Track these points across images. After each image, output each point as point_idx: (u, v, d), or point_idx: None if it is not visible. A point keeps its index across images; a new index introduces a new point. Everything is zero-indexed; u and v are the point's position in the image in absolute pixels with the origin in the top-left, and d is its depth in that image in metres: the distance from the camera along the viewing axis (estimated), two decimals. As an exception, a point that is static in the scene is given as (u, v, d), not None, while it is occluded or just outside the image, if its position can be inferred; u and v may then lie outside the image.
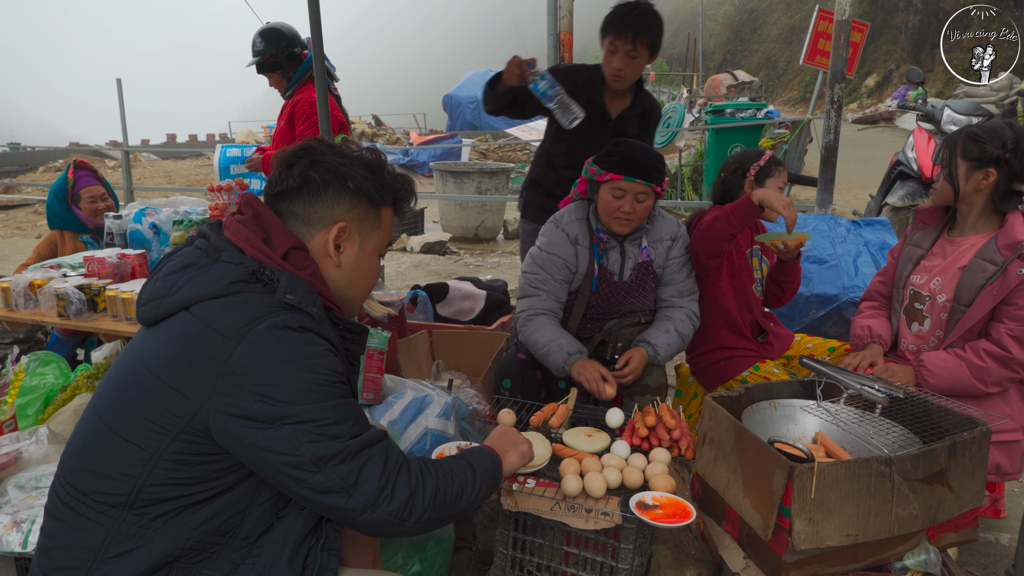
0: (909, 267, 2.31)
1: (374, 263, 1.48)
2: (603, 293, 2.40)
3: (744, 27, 33.03)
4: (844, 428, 1.86)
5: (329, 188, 1.36)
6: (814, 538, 1.52)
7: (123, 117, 8.07)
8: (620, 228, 2.32)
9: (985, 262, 2.09)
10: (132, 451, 1.20)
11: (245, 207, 1.36)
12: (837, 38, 4.07)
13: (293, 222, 1.38)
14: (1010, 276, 2.03)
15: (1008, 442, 2.09)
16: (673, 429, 1.94)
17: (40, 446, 2.11)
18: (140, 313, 1.32)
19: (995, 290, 2.05)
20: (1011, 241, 2.06)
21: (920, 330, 2.28)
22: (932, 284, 2.23)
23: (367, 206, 1.41)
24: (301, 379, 1.19)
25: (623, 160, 2.25)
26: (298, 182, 1.35)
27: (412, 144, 15.03)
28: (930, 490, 1.59)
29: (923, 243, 2.32)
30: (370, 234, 1.43)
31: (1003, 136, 2.08)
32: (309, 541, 1.34)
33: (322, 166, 1.36)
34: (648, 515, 1.60)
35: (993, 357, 2.06)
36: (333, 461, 1.20)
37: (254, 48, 3.72)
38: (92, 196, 3.45)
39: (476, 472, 1.41)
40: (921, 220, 2.36)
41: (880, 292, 2.47)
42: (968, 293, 2.10)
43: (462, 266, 6.96)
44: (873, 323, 2.37)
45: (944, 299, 2.17)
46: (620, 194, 2.26)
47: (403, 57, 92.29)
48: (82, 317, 2.60)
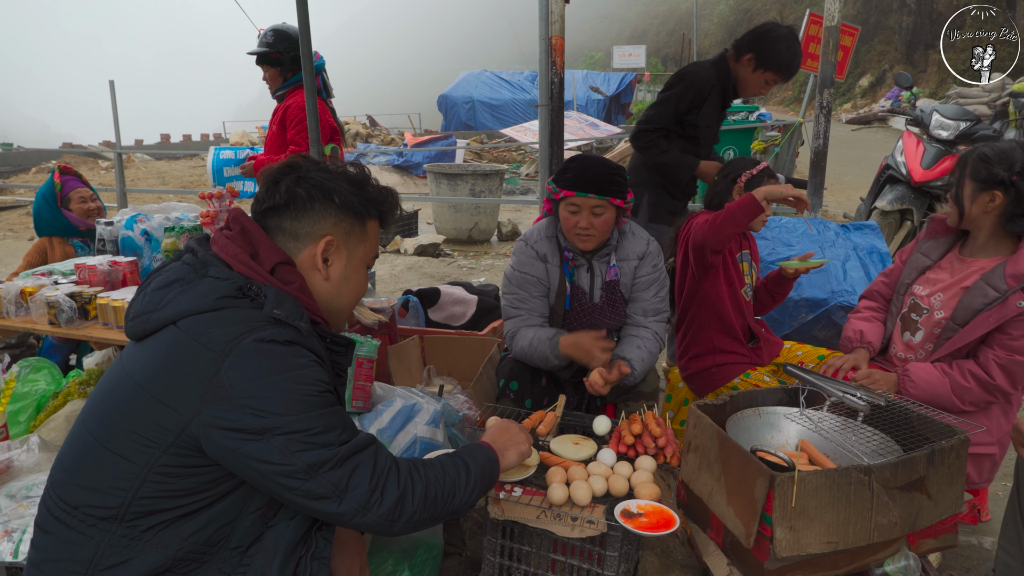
0: (913, 275, 2.31)
1: (361, 275, 1.51)
2: (576, 312, 2.42)
3: (739, 27, 33.02)
4: (826, 436, 1.89)
5: (315, 203, 1.39)
6: (795, 546, 1.55)
7: (116, 117, 8.06)
8: (582, 244, 2.34)
9: (988, 287, 2.08)
10: (122, 465, 1.22)
11: (233, 223, 1.39)
12: (826, 44, 4.10)
13: (281, 237, 1.41)
14: (1009, 306, 2.02)
15: (980, 455, 2.12)
16: (659, 437, 1.96)
17: (31, 455, 2.12)
18: (128, 328, 1.34)
19: (992, 317, 2.05)
20: (1018, 272, 2.04)
21: (911, 340, 2.29)
22: (933, 299, 2.22)
23: (353, 219, 1.44)
24: (289, 390, 1.22)
25: (575, 176, 2.26)
26: (285, 198, 1.38)
27: (407, 145, 15.02)
28: (909, 497, 1.62)
29: (932, 254, 2.30)
30: (357, 247, 1.47)
31: (1012, 158, 2.05)
32: (299, 550, 1.36)
33: (308, 182, 1.39)
34: (632, 523, 1.62)
35: (976, 379, 2.07)
36: (323, 468, 1.22)
37: (263, 39, 3.77)
38: (82, 197, 3.46)
39: (470, 471, 1.44)
40: (935, 229, 2.34)
41: (881, 293, 2.46)
42: (965, 314, 2.10)
43: (456, 268, 6.97)
44: (866, 327, 2.38)
45: (941, 316, 2.18)
46: (575, 210, 2.28)
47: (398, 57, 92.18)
48: (73, 325, 2.61)
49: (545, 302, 2.42)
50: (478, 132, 19.61)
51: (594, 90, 20.71)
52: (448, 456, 1.47)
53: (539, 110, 3.57)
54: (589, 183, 2.24)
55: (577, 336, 2.27)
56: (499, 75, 22.44)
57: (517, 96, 21.18)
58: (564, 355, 2.28)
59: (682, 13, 37.15)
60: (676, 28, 35.50)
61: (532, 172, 14.23)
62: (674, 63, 29.44)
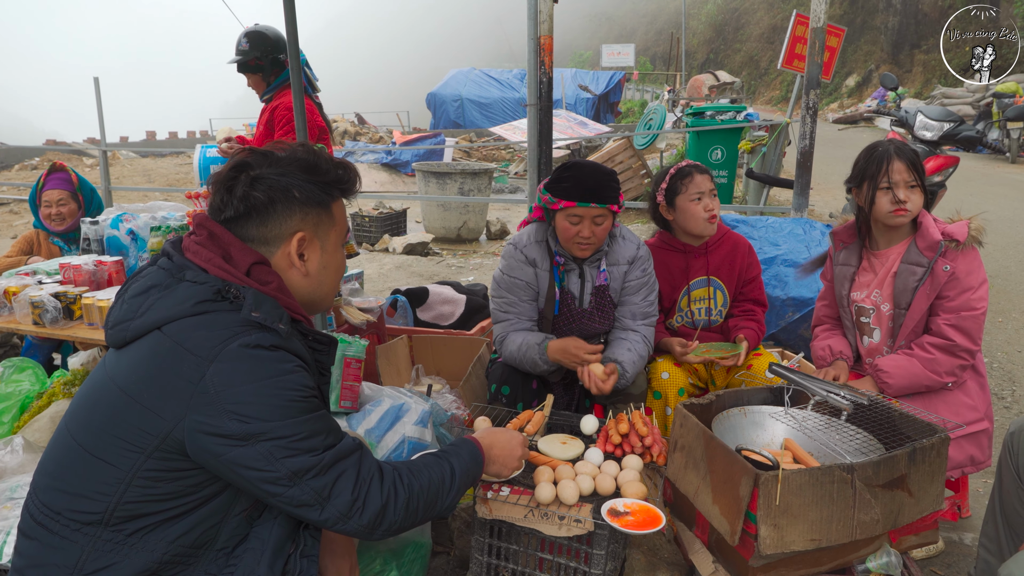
0: (847, 285, 2.40)
1: (339, 257, 1.49)
2: (565, 317, 2.42)
3: (727, 27, 33.26)
4: (810, 435, 1.91)
5: (277, 204, 1.34)
6: (779, 543, 1.57)
7: (100, 115, 7.97)
8: (581, 252, 2.34)
9: (912, 265, 2.22)
10: (106, 470, 1.22)
11: (198, 228, 1.35)
12: (812, 45, 4.13)
13: (251, 244, 1.36)
14: (938, 273, 2.18)
15: (977, 432, 2.19)
16: (645, 436, 1.98)
17: (15, 456, 2.11)
18: (109, 336, 1.33)
19: (928, 289, 2.19)
20: (930, 242, 2.19)
21: (871, 343, 2.37)
22: (873, 296, 2.33)
23: (318, 209, 1.40)
24: (274, 396, 1.22)
25: (574, 186, 2.23)
26: (244, 206, 1.33)
27: (395, 143, 14.98)
28: (891, 495, 1.64)
29: (851, 260, 2.40)
30: (328, 233, 1.44)
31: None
32: (288, 548, 1.36)
33: (263, 183, 1.33)
34: (619, 522, 1.63)
35: (938, 348, 2.18)
36: (308, 475, 1.22)
37: (238, 47, 3.70)
38: (48, 201, 3.37)
39: (455, 474, 1.44)
40: (840, 240, 2.45)
41: (828, 315, 2.54)
42: (905, 296, 2.23)
43: (444, 267, 6.96)
44: (832, 342, 2.45)
45: (887, 308, 2.29)
46: (577, 220, 2.26)
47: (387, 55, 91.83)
48: (58, 325, 2.59)
49: (534, 306, 2.42)
50: (467, 130, 19.59)
51: (583, 89, 20.76)
52: (434, 457, 1.46)
53: (528, 109, 3.58)
54: (590, 193, 2.22)
55: (565, 342, 2.28)
56: (488, 73, 22.44)
57: (506, 94, 21.19)
58: (553, 360, 2.29)
59: (670, 12, 37.31)
60: (665, 27, 35.66)
61: (521, 171, 14.24)
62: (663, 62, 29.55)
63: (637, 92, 26.42)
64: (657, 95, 20.71)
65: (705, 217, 2.54)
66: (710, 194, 2.55)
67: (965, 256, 2.16)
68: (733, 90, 19.28)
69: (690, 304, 2.67)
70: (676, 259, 2.66)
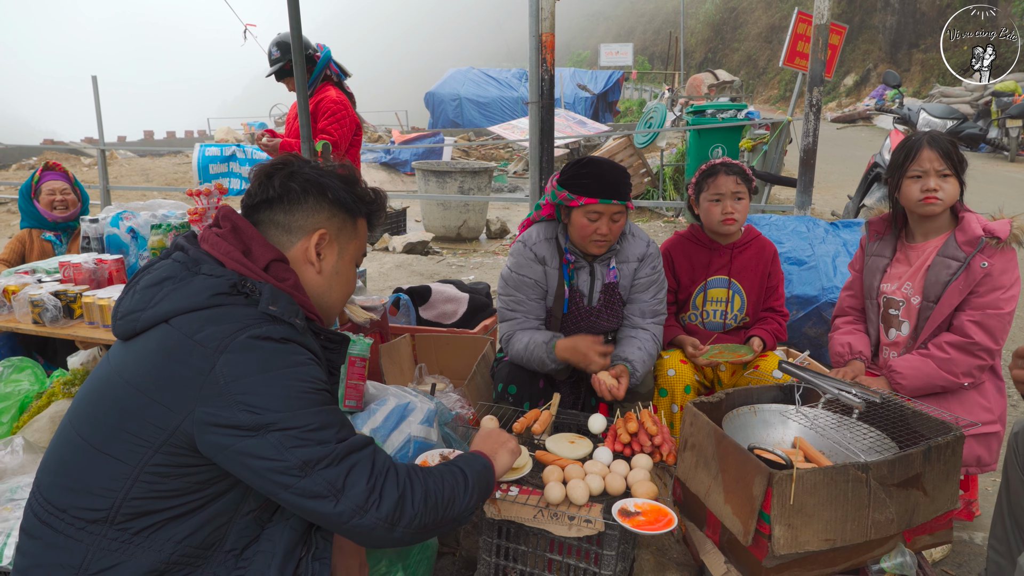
0: (878, 276, 2.36)
1: (352, 272, 1.52)
2: (574, 315, 2.40)
3: (725, 25, 33.26)
4: (821, 433, 1.89)
5: (309, 197, 1.41)
6: (793, 543, 1.55)
7: (99, 114, 7.94)
8: (597, 249, 2.32)
9: (948, 259, 2.18)
10: (113, 465, 1.20)
11: (223, 220, 1.37)
12: (815, 42, 4.11)
13: (273, 231, 1.40)
14: (974, 269, 2.12)
15: (987, 434, 2.16)
16: (655, 435, 1.95)
17: (15, 456, 2.08)
18: (117, 327, 1.31)
19: (961, 284, 2.14)
20: (971, 237, 2.15)
21: (898, 335, 2.32)
22: (904, 289, 2.28)
23: (345, 215, 1.46)
24: (284, 387, 1.20)
25: (595, 183, 2.22)
26: (279, 192, 1.39)
27: (394, 142, 14.95)
28: (906, 494, 1.62)
29: (884, 252, 2.37)
30: (348, 243, 1.48)
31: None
32: (299, 551, 1.34)
33: (301, 177, 1.40)
34: (630, 522, 1.61)
35: (955, 347, 2.14)
36: (319, 465, 1.20)
37: (271, 57, 3.97)
38: (51, 189, 3.45)
39: (467, 478, 1.42)
40: (875, 231, 2.42)
41: (852, 306, 2.51)
42: (935, 290, 2.19)
43: (445, 266, 6.94)
44: (852, 339, 2.41)
45: (917, 300, 2.24)
46: (596, 217, 2.24)
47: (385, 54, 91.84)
48: (58, 324, 2.56)
49: (542, 305, 2.40)
50: (466, 129, 19.56)
51: (581, 88, 20.73)
52: (442, 465, 1.45)
53: (529, 107, 3.55)
54: (612, 189, 2.21)
55: (575, 340, 2.26)
56: (487, 72, 22.40)
57: (504, 93, 21.15)
58: (561, 359, 2.26)
59: (669, 11, 37.30)
60: (663, 26, 35.66)
61: (520, 170, 14.22)
62: (661, 61, 29.53)
63: (635, 91, 26.40)
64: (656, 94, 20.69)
65: (720, 219, 2.54)
66: (731, 196, 2.54)
67: (1003, 255, 2.13)
68: (733, 89, 19.28)
69: (705, 303, 2.66)
70: (700, 253, 2.66)
